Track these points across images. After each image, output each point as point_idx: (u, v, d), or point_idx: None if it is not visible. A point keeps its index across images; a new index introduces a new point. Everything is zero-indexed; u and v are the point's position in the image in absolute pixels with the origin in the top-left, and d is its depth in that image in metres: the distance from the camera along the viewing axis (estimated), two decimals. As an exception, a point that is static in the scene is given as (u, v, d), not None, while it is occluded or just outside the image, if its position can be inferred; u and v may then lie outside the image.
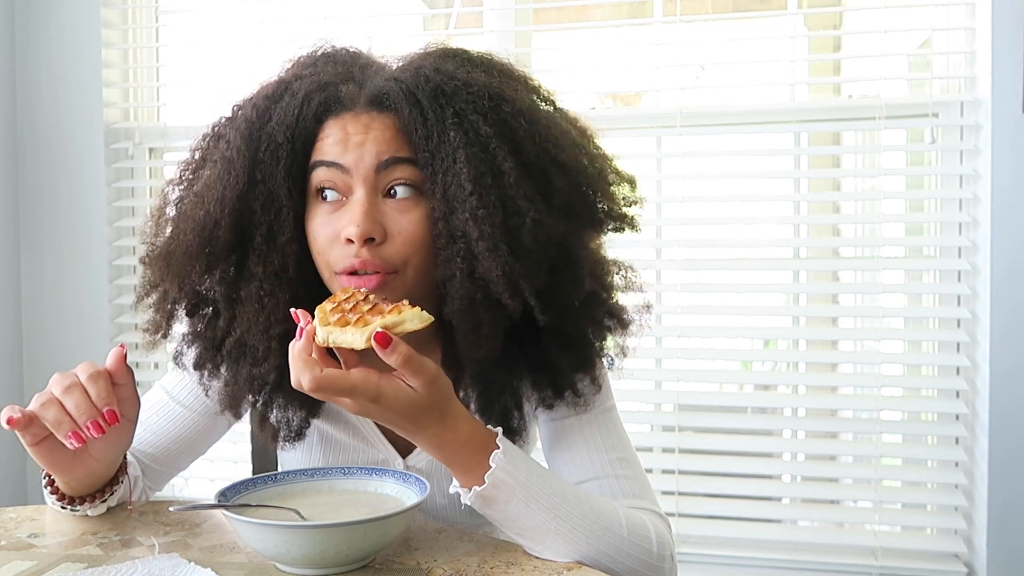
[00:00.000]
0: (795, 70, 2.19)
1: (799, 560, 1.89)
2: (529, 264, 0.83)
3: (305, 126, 0.86)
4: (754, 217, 1.98)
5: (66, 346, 2.23)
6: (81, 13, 2.20)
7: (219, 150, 0.89)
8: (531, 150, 0.86)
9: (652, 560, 0.84)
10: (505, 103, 0.86)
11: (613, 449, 0.95)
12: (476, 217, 0.82)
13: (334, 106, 0.86)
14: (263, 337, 0.88)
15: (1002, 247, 1.78)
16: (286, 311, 0.84)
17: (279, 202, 0.86)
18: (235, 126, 0.89)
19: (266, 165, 0.86)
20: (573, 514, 0.81)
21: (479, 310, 0.85)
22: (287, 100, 0.87)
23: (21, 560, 0.83)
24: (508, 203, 0.83)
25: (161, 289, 0.94)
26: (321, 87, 0.87)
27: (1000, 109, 1.77)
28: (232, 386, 0.92)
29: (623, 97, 2.31)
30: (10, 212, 2.23)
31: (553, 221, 0.85)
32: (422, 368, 0.76)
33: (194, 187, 0.91)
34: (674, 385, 1.98)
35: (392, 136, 0.85)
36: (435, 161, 0.83)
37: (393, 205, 0.86)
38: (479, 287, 0.84)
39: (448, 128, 0.83)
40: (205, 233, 0.87)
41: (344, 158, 0.85)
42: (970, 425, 1.84)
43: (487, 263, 0.82)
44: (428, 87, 0.85)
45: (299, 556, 0.77)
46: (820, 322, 2.09)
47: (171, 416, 1.03)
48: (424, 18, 2.49)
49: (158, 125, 2.25)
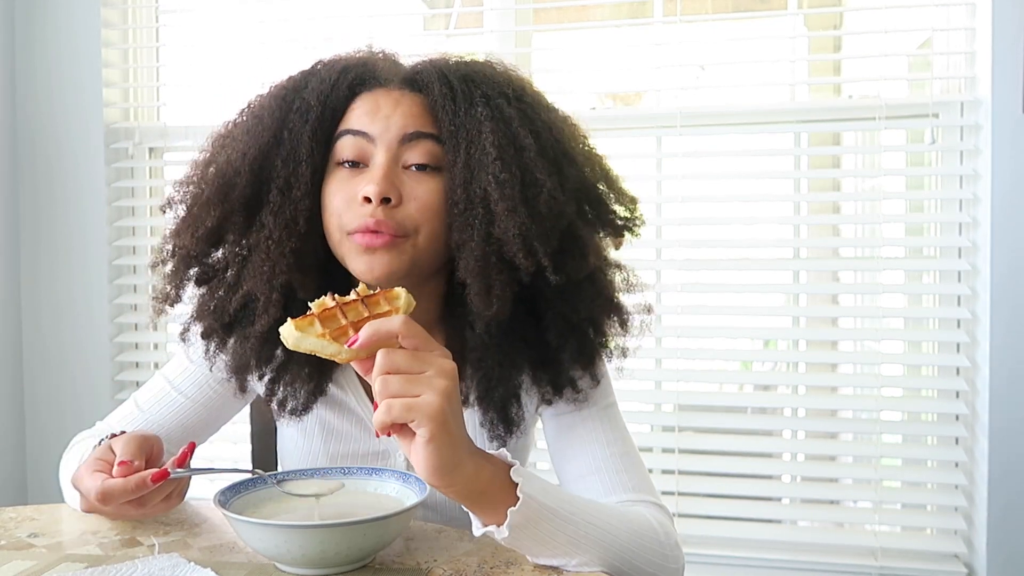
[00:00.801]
0: (795, 70, 2.19)
1: (799, 560, 1.89)
2: (543, 229, 0.88)
3: (338, 95, 0.92)
4: (754, 217, 1.98)
5: (66, 346, 2.23)
6: (81, 13, 2.20)
7: (251, 108, 0.94)
8: (547, 139, 0.92)
9: (666, 551, 0.86)
10: (527, 96, 0.94)
11: (613, 444, 0.96)
12: (498, 180, 0.87)
13: (369, 80, 0.93)
14: (266, 287, 0.90)
15: (1002, 247, 1.78)
16: (290, 263, 0.89)
17: (300, 158, 0.90)
18: (270, 93, 0.95)
19: (294, 125, 0.91)
20: (594, 522, 0.81)
21: (492, 271, 0.88)
22: (324, 70, 0.93)
23: (21, 560, 0.83)
24: (527, 174, 0.89)
25: (174, 250, 0.96)
26: (360, 63, 0.94)
27: (1000, 109, 1.77)
28: (240, 355, 0.95)
29: (623, 97, 2.31)
30: (10, 212, 2.23)
31: (566, 201, 0.90)
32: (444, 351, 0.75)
33: (223, 146, 0.95)
34: (674, 385, 1.98)
35: (419, 112, 0.91)
36: (459, 133, 0.89)
37: (412, 174, 0.91)
38: (494, 248, 0.88)
39: (476, 103, 0.90)
40: (225, 181, 0.91)
41: (371, 127, 0.90)
42: (970, 425, 1.84)
43: (504, 223, 0.87)
44: (459, 71, 0.92)
45: (299, 556, 0.77)
46: (820, 322, 2.09)
47: (173, 406, 1.04)
48: (424, 18, 2.49)
49: (158, 125, 2.25)
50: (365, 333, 0.73)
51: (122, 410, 1.06)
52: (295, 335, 0.74)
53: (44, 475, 2.24)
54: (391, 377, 0.71)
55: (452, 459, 0.72)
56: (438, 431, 0.71)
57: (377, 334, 0.73)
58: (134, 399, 1.06)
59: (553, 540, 0.77)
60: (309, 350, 0.74)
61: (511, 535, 0.76)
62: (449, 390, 0.72)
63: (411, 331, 0.73)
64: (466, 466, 0.74)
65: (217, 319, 0.95)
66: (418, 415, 0.70)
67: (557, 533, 0.77)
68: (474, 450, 0.76)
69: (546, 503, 0.77)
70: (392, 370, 0.72)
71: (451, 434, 0.72)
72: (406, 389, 0.71)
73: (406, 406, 0.70)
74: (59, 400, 2.24)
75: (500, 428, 0.96)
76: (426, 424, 0.70)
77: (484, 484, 0.75)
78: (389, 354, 0.72)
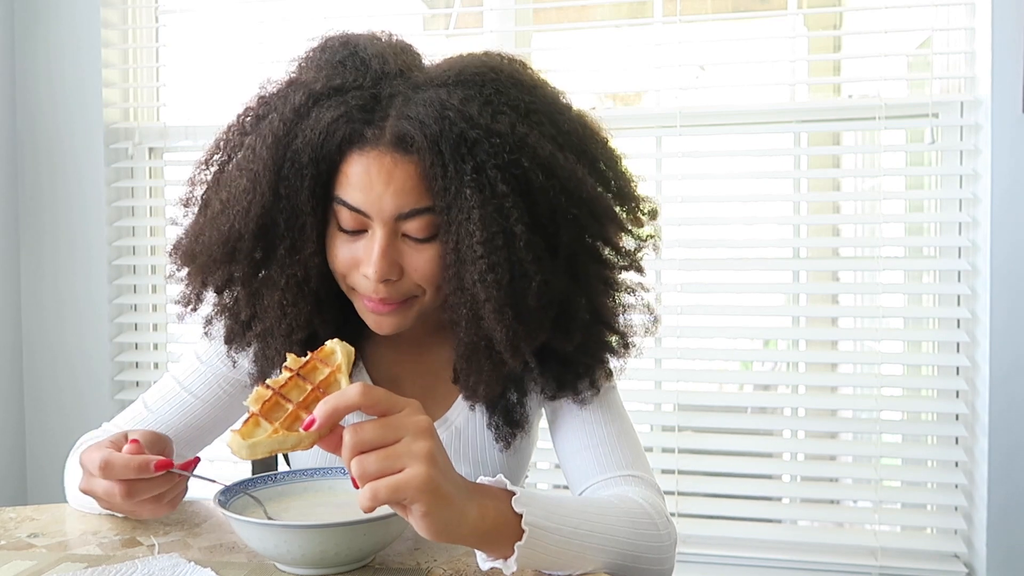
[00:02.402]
0: (795, 70, 2.19)
1: (799, 560, 1.89)
2: (532, 326, 0.87)
3: (329, 152, 0.86)
4: (754, 217, 1.99)
5: (66, 346, 2.23)
6: (81, 13, 2.20)
7: (245, 158, 0.90)
8: (544, 205, 0.86)
9: (660, 531, 0.86)
10: (526, 154, 0.85)
11: (611, 423, 0.98)
12: (484, 281, 0.84)
13: (357, 141, 0.86)
14: (285, 342, 0.91)
15: (1002, 247, 1.78)
16: (308, 319, 0.90)
17: (302, 218, 0.88)
18: (261, 135, 0.89)
19: (290, 182, 0.87)
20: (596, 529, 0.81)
21: (482, 357, 0.89)
22: (311, 124, 0.86)
23: (21, 560, 0.83)
24: (516, 266, 0.85)
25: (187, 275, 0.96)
26: (347, 117, 0.85)
27: (1000, 109, 1.77)
28: (261, 363, 0.96)
29: (623, 97, 2.31)
30: (10, 212, 2.23)
31: (557, 279, 0.88)
32: (407, 401, 0.71)
33: (220, 185, 0.92)
34: (674, 385, 1.98)
35: (413, 186, 0.85)
36: (450, 212, 0.85)
37: (411, 244, 0.88)
38: (483, 336, 0.88)
39: (465, 185, 0.83)
40: (230, 244, 0.90)
41: (366, 206, 0.86)
42: (970, 425, 1.84)
43: (491, 324, 0.86)
44: (452, 133, 0.83)
45: (299, 556, 0.77)
46: (820, 322, 2.09)
47: (182, 405, 1.04)
48: (424, 18, 2.50)
49: (158, 125, 2.25)
50: (321, 413, 0.68)
51: (130, 411, 1.06)
52: (245, 445, 0.68)
53: (44, 475, 2.24)
54: (366, 457, 0.66)
55: (453, 519, 0.69)
56: (432, 501, 0.66)
57: (336, 412, 0.68)
58: (142, 399, 1.06)
59: (560, 559, 0.77)
60: (268, 452, 0.69)
61: (519, 566, 0.74)
62: (432, 451, 0.67)
63: (371, 399, 0.68)
64: (469, 515, 0.70)
65: (238, 334, 0.97)
66: (408, 492, 0.65)
67: (563, 552, 0.77)
68: (472, 491, 0.72)
69: (550, 526, 0.75)
70: (365, 448, 0.66)
71: (446, 496, 0.68)
72: (385, 466, 0.66)
73: (391, 487, 0.65)
74: (59, 400, 2.24)
75: (505, 429, 0.99)
76: (418, 499, 0.66)
77: (490, 524, 0.72)
78: (357, 431, 0.66)
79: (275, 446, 0.68)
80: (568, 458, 0.98)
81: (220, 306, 0.97)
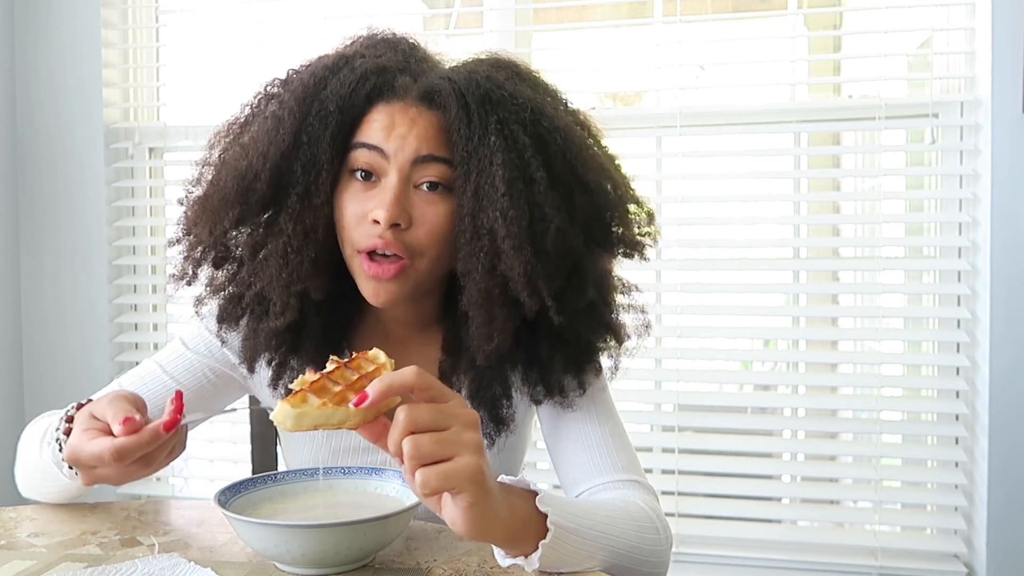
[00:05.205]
0: (795, 70, 2.19)
1: (799, 560, 1.89)
2: (549, 267, 0.88)
3: (356, 102, 0.91)
4: (754, 217, 1.98)
5: (66, 346, 2.23)
6: (81, 13, 2.20)
7: (270, 108, 0.93)
8: (561, 166, 0.91)
9: (660, 534, 0.87)
10: (544, 118, 0.91)
11: (604, 424, 0.99)
12: (506, 217, 0.87)
13: (387, 92, 0.91)
14: (283, 292, 0.92)
15: (1002, 247, 1.78)
16: (309, 270, 0.91)
17: (320, 165, 0.90)
18: (290, 88, 0.93)
19: (314, 129, 0.90)
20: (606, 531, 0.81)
21: (495, 305, 0.90)
22: (344, 73, 0.91)
23: (21, 560, 0.83)
24: (536, 209, 0.88)
25: (191, 237, 0.96)
26: (379, 70, 0.92)
27: (1000, 109, 1.77)
28: (251, 340, 0.96)
29: (623, 97, 2.31)
30: (10, 212, 2.23)
31: (573, 235, 0.90)
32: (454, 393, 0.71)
33: (241, 140, 0.94)
34: (674, 385, 1.98)
35: (434, 135, 0.90)
36: (471, 160, 0.88)
37: (422, 196, 0.91)
38: (497, 283, 0.89)
39: (490, 132, 0.88)
40: (244, 183, 0.91)
41: (386, 144, 0.90)
42: (970, 425, 1.84)
43: (510, 260, 0.87)
44: (478, 92, 0.89)
45: (299, 556, 0.77)
46: (820, 322, 2.09)
47: (162, 389, 1.01)
48: (424, 18, 2.50)
49: (158, 125, 2.25)
50: (376, 388, 0.67)
51: (101, 392, 1.04)
52: (292, 414, 0.68)
53: (44, 475, 2.24)
54: (420, 437, 0.65)
55: (491, 513, 0.69)
56: (479, 492, 0.67)
57: (390, 388, 0.67)
58: (117, 382, 1.04)
59: (574, 558, 0.78)
60: (313, 426, 0.68)
61: (549, 552, 0.75)
62: (480, 444, 0.68)
63: (426, 382, 0.68)
64: (502, 514, 0.70)
65: (231, 311, 0.97)
66: (458, 481, 0.66)
67: (579, 552, 0.78)
68: (502, 491, 0.72)
69: (571, 527, 0.77)
70: (418, 428, 0.66)
71: (491, 491, 0.68)
72: (438, 451, 0.66)
73: (442, 475, 0.65)
74: (59, 400, 2.23)
75: (490, 426, 0.98)
76: (468, 489, 0.66)
77: (519, 522, 0.73)
78: (412, 410, 0.66)
79: (322, 419, 0.68)
80: (563, 460, 0.99)
81: (214, 285, 0.98)
